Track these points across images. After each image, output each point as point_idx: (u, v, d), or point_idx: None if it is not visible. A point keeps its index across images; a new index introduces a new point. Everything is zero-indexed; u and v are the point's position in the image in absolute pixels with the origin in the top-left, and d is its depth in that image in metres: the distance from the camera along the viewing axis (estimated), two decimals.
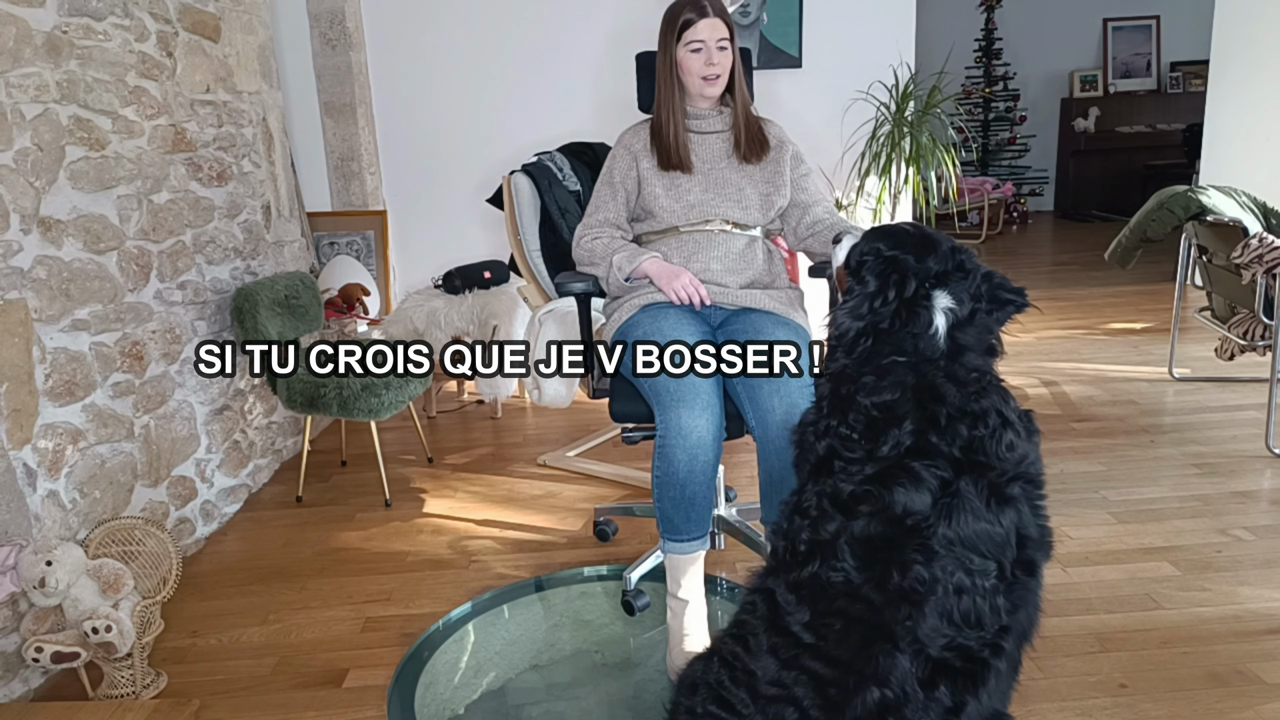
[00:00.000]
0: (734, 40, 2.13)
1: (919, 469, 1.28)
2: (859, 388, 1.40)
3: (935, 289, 1.45)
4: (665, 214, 2.14)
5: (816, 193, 2.26)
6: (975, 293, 1.47)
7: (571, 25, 4.17)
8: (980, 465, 1.29)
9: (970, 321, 1.46)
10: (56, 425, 2.08)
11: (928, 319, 1.43)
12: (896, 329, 1.43)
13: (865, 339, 1.45)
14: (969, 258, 1.52)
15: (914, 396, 1.35)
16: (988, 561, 1.25)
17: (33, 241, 2.03)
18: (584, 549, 2.53)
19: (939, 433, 1.31)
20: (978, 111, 8.68)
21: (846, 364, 1.46)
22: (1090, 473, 2.87)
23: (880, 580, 1.25)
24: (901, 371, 1.39)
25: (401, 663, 2.03)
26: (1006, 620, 1.26)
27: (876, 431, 1.34)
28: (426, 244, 4.37)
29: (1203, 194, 3.44)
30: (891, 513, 1.27)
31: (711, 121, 2.18)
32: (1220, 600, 2.12)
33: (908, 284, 1.45)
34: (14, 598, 1.92)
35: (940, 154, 4.10)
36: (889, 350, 1.42)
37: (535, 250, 2.68)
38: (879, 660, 1.21)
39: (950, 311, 1.44)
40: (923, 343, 1.42)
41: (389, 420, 3.70)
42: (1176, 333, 3.86)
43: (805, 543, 1.33)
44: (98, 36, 2.28)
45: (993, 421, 1.32)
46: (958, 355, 1.42)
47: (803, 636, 1.27)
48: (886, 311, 1.44)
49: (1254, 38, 4.95)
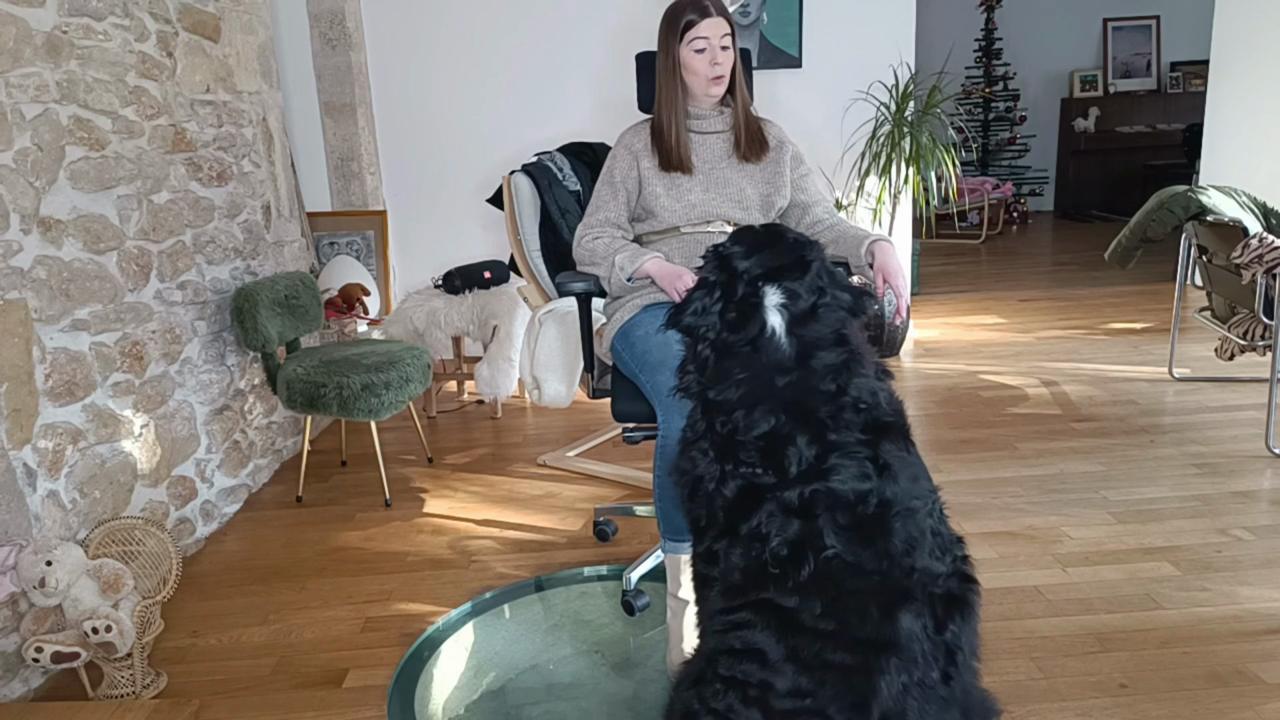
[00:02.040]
0: (735, 40, 2.13)
1: (846, 461, 1.33)
2: (733, 426, 1.38)
3: (766, 285, 1.41)
4: (666, 214, 2.14)
5: (816, 193, 2.26)
6: (815, 286, 1.44)
7: (571, 25, 4.17)
8: (886, 425, 1.37)
9: (813, 316, 1.42)
10: (56, 425, 2.08)
11: (760, 320, 1.40)
12: (734, 337, 1.40)
13: (704, 345, 1.44)
14: (812, 251, 1.49)
15: (789, 416, 1.36)
16: (931, 492, 1.38)
17: (33, 241, 2.03)
18: (584, 549, 2.53)
19: (835, 430, 1.35)
20: (978, 111, 8.68)
21: (701, 381, 1.44)
22: (1090, 473, 2.87)
23: (880, 551, 1.28)
24: (760, 392, 1.37)
25: (401, 663, 2.03)
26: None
27: (777, 458, 1.34)
28: (426, 244, 4.37)
29: (1203, 194, 3.44)
30: (846, 500, 1.30)
31: (712, 121, 2.18)
32: (1220, 600, 2.12)
33: (737, 283, 1.42)
34: (14, 598, 1.92)
35: (940, 154, 4.10)
36: (736, 366, 1.40)
37: (535, 250, 2.68)
38: (900, 621, 1.23)
39: (784, 309, 1.40)
40: (766, 350, 1.39)
41: (389, 420, 3.70)
42: (1176, 333, 3.86)
43: (781, 546, 1.31)
44: (98, 36, 2.28)
45: (868, 397, 1.38)
46: (807, 358, 1.39)
47: (823, 626, 1.25)
48: (718, 313, 1.43)
49: (1254, 38, 4.95)
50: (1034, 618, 2.08)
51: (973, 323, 4.91)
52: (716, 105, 2.19)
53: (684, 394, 1.50)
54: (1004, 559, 2.36)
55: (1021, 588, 2.21)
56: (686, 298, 1.52)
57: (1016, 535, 2.48)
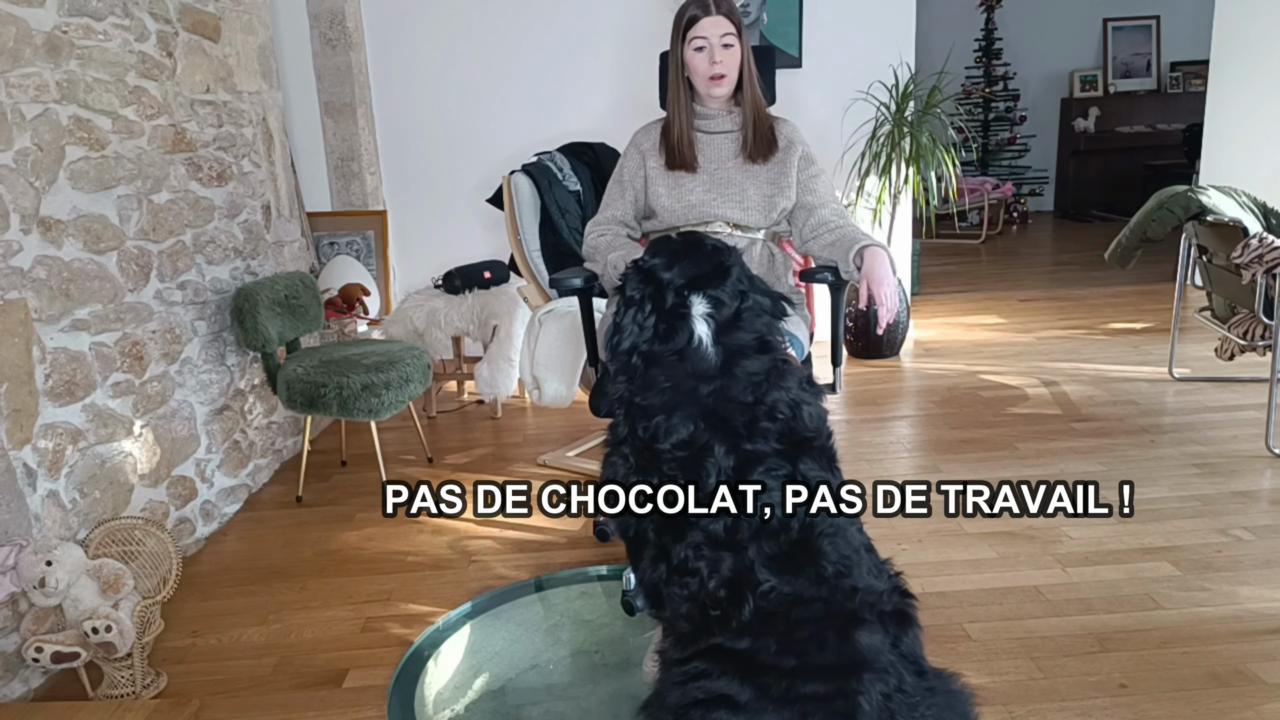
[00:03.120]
0: (743, 38, 2.09)
1: (763, 480, 1.32)
2: (653, 433, 1.38)
3: (691, 294, 1.43)
4: (666, 214, 2.15)
5: (825, 195, 2.20)
6: (737, 290, 1.45)
7: (571, 25, 4.17)
8: (804, 441, 1.36)
9: (737, 322, 1.43)
10: (56, 425, 2.08)
11: (689, 330, 1.42)
12: (664, 348, 1.42)
13: (634, 356, 1.45)
14: (730, 256, 1.50)
15: (707, 424, 1.36)
16: (854, 503, 1.36)
17: (33, 241, 2.03)
18: (584, 549, 2.53)
19: (750, 439, 1.34)
20: (978, 111, 8.68)
21: (629, 388, 1.45)
22: (1090, 473, 2.87)
23: (815, 576, 1.26)
24: (682, 399, 1.38)
25: (401, 663, 2.03)
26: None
27: (696, 469, 1.34)
28: (426, 244, 4.37)
29: (1203, 194, 3.44)
30: (771, 529, 1.29)
31: (720, 121, 2.17)
32: (1220, 600, 2.12)
33: (665, 295, 1.44)
34: (14, 598, 1.92)
35: (940, 154, 4.10)
36: (662, 375, 1.41)
37: (535, 250, 2.68)
38: (859, 640, 1.21)
39: (709, 318, 1.42)
40: (692, 358, 1.40)
41: (389, 420, 3.70)
42: (1176, 333, 3.86)
43: (718, 588, 1.29)
44: (98, 36, 2.28)
45: (786, 408, 1.37)
46: (731, 365, 1.40)
47: (784, 664, 1.22)
48: (649, 326, 1.44)
49: (1254, 38, 4.95)
50: (1034, 618, 2.08)
51: (973, 323, 4.92)
52: (726, 105, 2.16)
53: (617, 403, 1.50)
54: (1004, 559, 2.36)
55: (1021, 588, 2.21)
56: (617, 323, 1.51)
57: (1016, 535, 2.48)
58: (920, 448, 3.16)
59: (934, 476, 2.90)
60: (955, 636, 2.02)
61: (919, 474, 2.94)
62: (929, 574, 2.30)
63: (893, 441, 3.23)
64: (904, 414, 3.53)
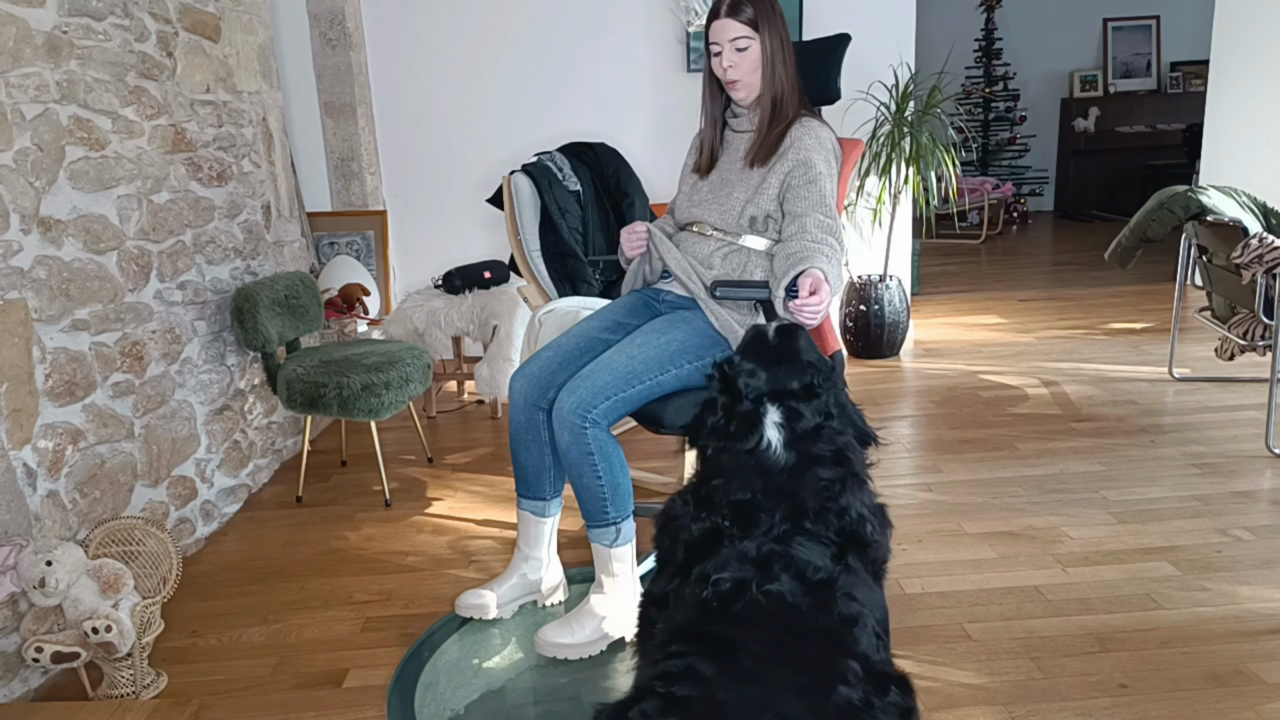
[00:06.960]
0: (761, 37, 2.01)
1: (814, 532, 1.35)
2: (714, 489, 1.44)
3: (770, 404, 1.48)
4: (679, 212, 2.24)
5: (808, 204, 2.00)
6: (824, 409, 1.50)
7: (571, 25, 4.17)
8: (861, 542, 1.38)
9: (816, 436, 1.48)
10: (56, 425, 2.08)
11: (760, 433, 1.47)
12: (737, 445, 1.48)
13: (713, 436, 1.52)
14: (823, 379, 1.53)
15: (769, 495, 1.40)
16: (880, 617, 1.34)
17: (33, 241, 2.03)
18: (584, 549, 2.53)
19: (812, 520, 1.37)
20: (978, 111, 8.68)
21: (708, 452, 1.52)
22: (1090, 473, 2.87)
23: (824, 604, 1.27)
24: (749, 476, 1.43)
25: (401, 663, 2.03)
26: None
27: (749, 521, 1.38)
28: (426, 244, 4.37)
29: (1203, 194, 3.44)
30: (798, 568, 1.30)
31: (742, 121, 2.17)
32: (1220, 600, 2.12)
33: (741, 400, 1.51)
34: (14, 598, 1.92)
35: (940, 154, 4.10)
36: (730, 461, 1.47)
37: (535, 250, 2.68)
38: (842, 665, 1.21)
39: (781, 427, 1.47)
40: (761, 455, 1.45)
41: (389, 420, 3.70)
42: (1176, 333, 3.86)
43: (725, 583, 1.32)
44: (98, 36, 2.28)
45: (855, 513, 1.41)
46: (805, 469, 1.44)
47: (762, 652, 1.20)
48: (722, 418, 1.51)
49: (1254, 38, 4.95)
50: (1034, 618, 2.08)
51: (973, 323, 4.92)
52: (752, 105, 2.13)
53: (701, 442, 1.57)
54: (1004, 559, 2.36)
55: (1021, 588, 2.21)
56: (700, 418, 1.59)
57: (1016, 535, 2.49)
58: (920, 448, 3.16)
59: (934, 476, 2.91)
60: (955, 636, 2.02)
61: (919, 474, 2.94)
62: (929, 574, 2.30)
63: (893, 441, 3.23)
64: (904, 414, 3.53)
